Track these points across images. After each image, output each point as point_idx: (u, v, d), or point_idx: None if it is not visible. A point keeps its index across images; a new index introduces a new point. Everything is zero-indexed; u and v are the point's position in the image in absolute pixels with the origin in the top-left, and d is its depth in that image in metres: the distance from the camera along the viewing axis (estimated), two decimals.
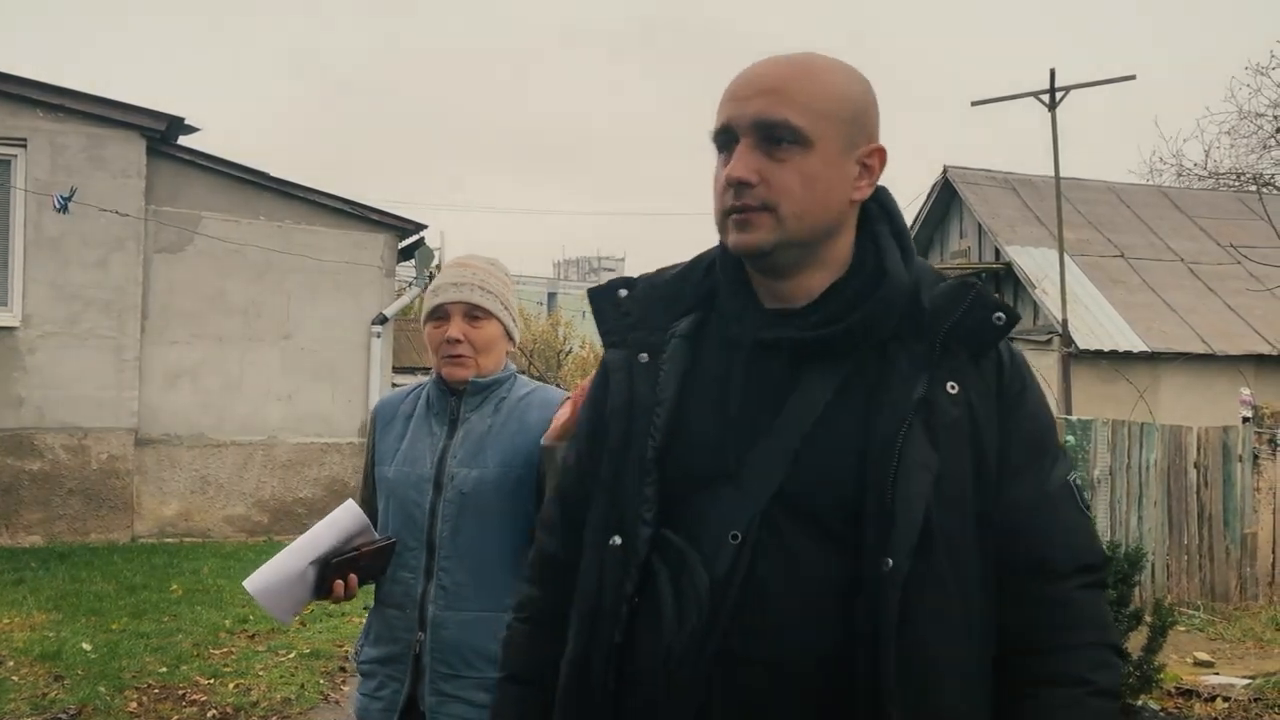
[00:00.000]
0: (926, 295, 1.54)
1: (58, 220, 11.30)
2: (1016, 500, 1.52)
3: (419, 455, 2.66)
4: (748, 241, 1.52)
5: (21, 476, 11.40)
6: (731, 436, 1.52)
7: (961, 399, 1.49)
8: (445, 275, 2.71)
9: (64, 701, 5.90)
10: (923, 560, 1.42)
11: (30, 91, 11.49)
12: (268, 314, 12.68)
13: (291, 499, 12.70)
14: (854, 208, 1.57)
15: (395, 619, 2.61)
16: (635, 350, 1.62)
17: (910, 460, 1.44)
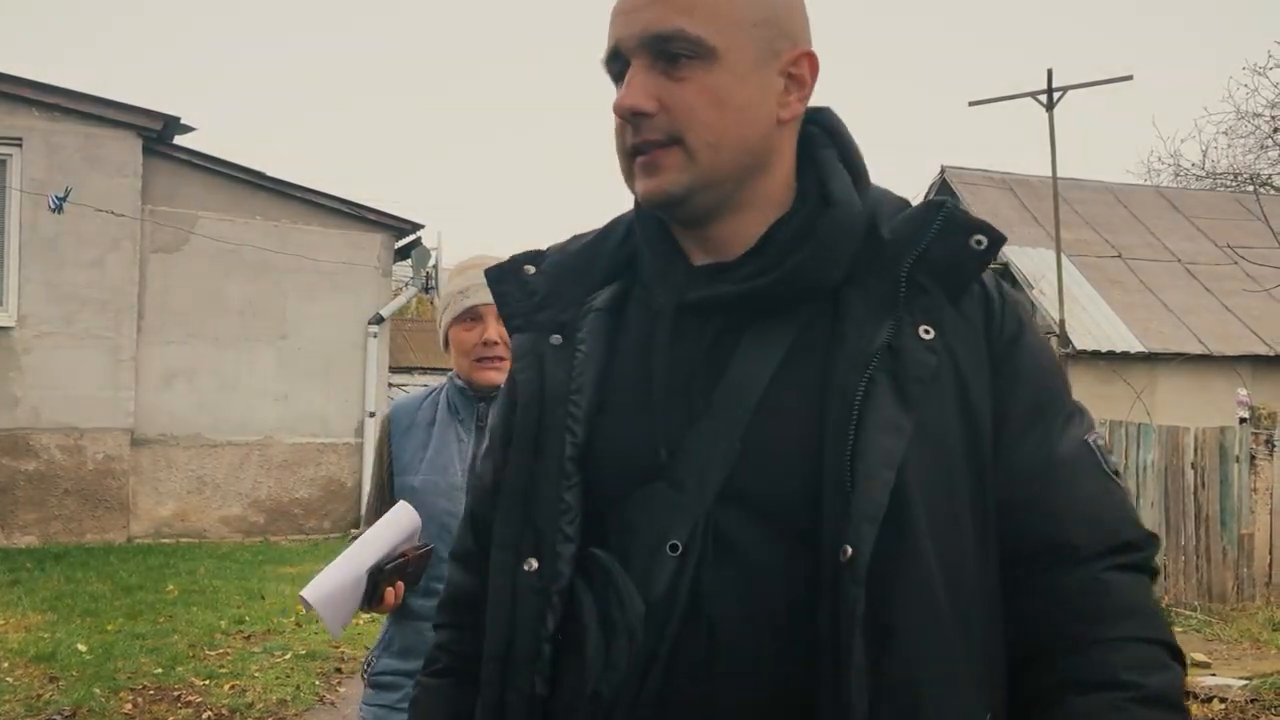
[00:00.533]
0: (887, 225, 1.26)
1: (53, 220, 11.28)
2: (1020, 467, 1.23)
3: (447, 463, 2.60)
4: (657, 187, 1.24)
5: (17, 477, 11.38)
6: (660, 423, 1.24)
7: (939, 345, 1.21)
8: (472, 275, 2.59)
9: (59, 703, 5.89)
10: (894, 544, 1.14)
11: (25, 91, 11.47)
12: (264, 314, 12.66)
13: (288, 499, 12.69)
14: (786, 130, 1.28)
15: (430, 632, 2.50)
16: (545, 332, 1.34)
17: (872, 421, 1.16)
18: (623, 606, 1.18)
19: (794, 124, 1.29)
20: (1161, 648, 1.21)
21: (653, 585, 1.18)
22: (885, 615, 1.13)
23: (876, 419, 1.16)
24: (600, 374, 1.30)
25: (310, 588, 2.35)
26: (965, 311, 1.25)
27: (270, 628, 7.75)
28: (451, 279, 2.71)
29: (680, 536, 1.19)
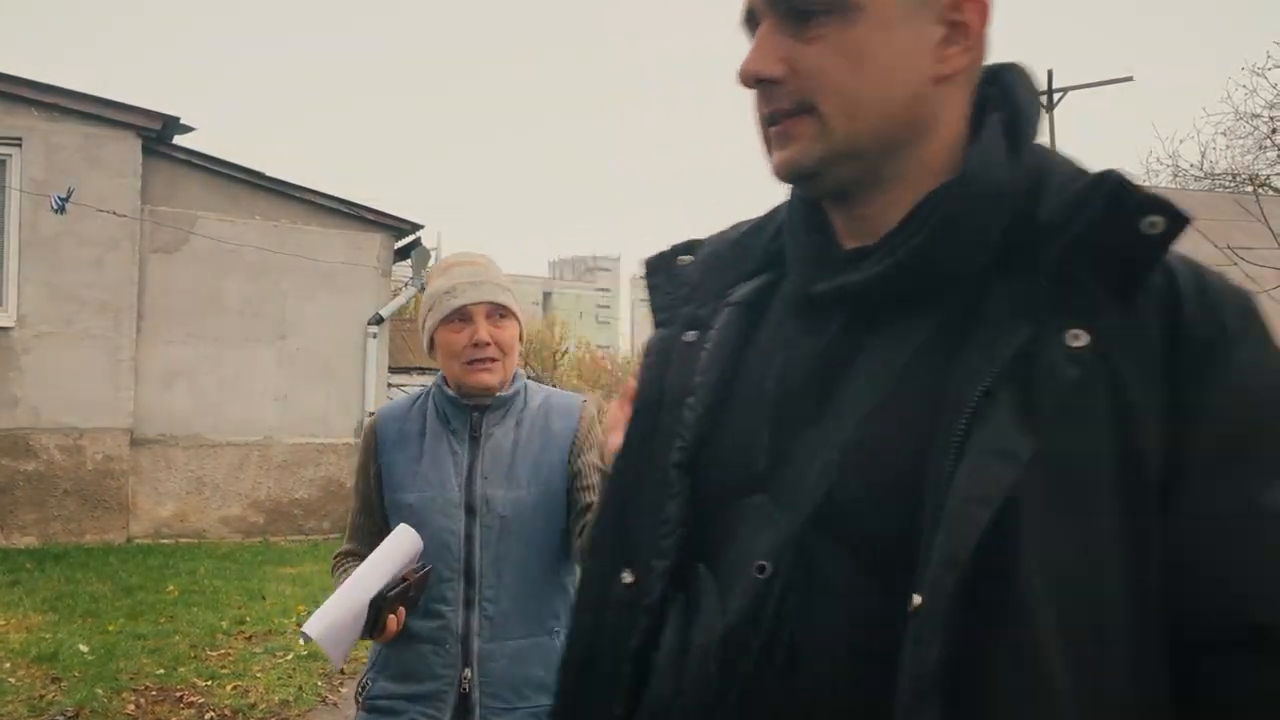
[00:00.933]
0: (1051, 201, 1.02)
1: (53, 220, 11.27)
2: (1204, 519, 0.95)
3: (444, 478, 2.46)
4: (788, 160, 1.08)
5: (16, 477, 11.37)
6: (769, 430, 1.09)
7: (1091, 355, 0.95)
8: (457, 274, 2.49)
9: (61, 703, 5.89)
10: (991, 598, 0.91)
11: (25, 90, 11.46)
12: (264, 314, 12.67)
13: (288, 500, 12.68)
14: (949, 89, 1.07)
15: (431, 654, 2.40)
16: (682, 328, 1.22)
17: (979, 444, 0.94)
18: (704, 628, 1.06)
19: (960, 81, 1.08)
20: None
21: (735, 608, 1.04)
22: (972, 686, 0.91)
23: (984, 442, 0.94)
24: (723, 375, 1.15)
25: (312, 621, 2.25)
26: (1139, 313, 0.98)
27: (271, 628, 7.75)
28: (435, 278, 2.55)
29: (768, 558, 1.04)
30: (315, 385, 12.84)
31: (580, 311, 65.56)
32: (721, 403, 1.14)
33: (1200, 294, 0.99)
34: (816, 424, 1.06)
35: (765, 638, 1.02)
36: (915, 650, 0.92)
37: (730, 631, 1.04)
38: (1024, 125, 1.08)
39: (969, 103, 1.09)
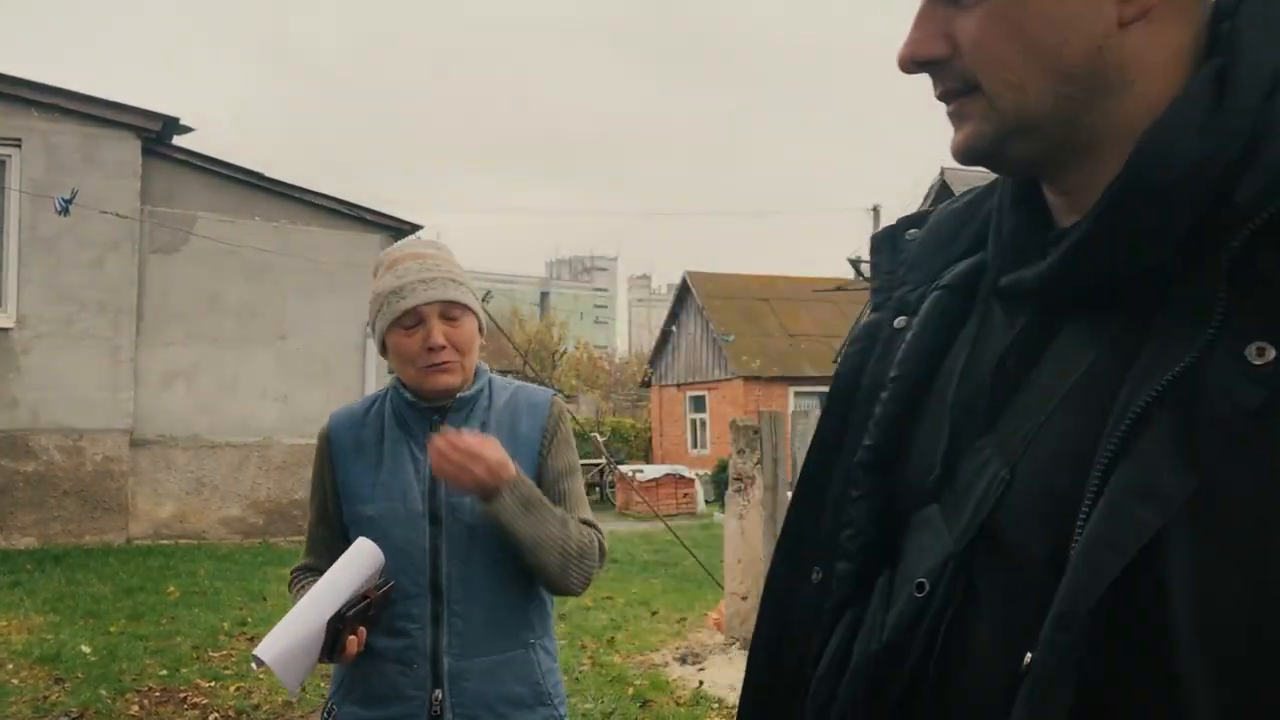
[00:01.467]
0: (1255, 178, 0.82)
1: (53, 220, 11.27)
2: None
3: (405, 487, 2.29)
4: (960, 142, 0.97)
5: (15, 478, 11.37)
6: (946, 436, 0.98)
7: (1277, 375, 0.77)
8: (404, 271, 2.29)
9: (65, 704, 5.89)
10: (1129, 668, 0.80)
11: (25, 91, 11.49)
12: (263, 315, 12.69)
13: (287, 500, 12.68)
14: (1144, 32, 0.88)
15: (398, 675, 2.25)
16: (894, 313, 1.11)
17: (1124, 482, 0.80)
18: (865, 643, 0.98)
19: (1164, 16, 0.89)
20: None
21: (891, 626, 0.96)
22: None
23: (1129, 478, 0.80)
24: (920, 369, 1.04)
25: (265, 645, 2.08)
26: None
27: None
28: (382, 275, 2.35)
29: (928, 576, 0.94)
30: (315, 386, 12.85)
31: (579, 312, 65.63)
32: (918, 399, 1.03)
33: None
34: (992, 432, 0.94)
35: (916, 661, 0.93)
36: (1028, 714, 0.80)
37: (882, 651, 0.96)
38: (1242, 78, 0.85)
39: (1192, 39, 0.90)
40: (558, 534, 2.23)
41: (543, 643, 2.35)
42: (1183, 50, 0.89)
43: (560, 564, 2.23)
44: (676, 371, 31.63)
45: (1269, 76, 0.85)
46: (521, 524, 2.18)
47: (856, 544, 1.03)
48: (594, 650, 7.67)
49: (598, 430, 26.79)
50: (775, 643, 1.12)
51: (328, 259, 12.79)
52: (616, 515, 20.65)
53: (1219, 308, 0.80)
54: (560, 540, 2.23)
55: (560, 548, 2.23)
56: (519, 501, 2.18)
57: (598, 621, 8.80)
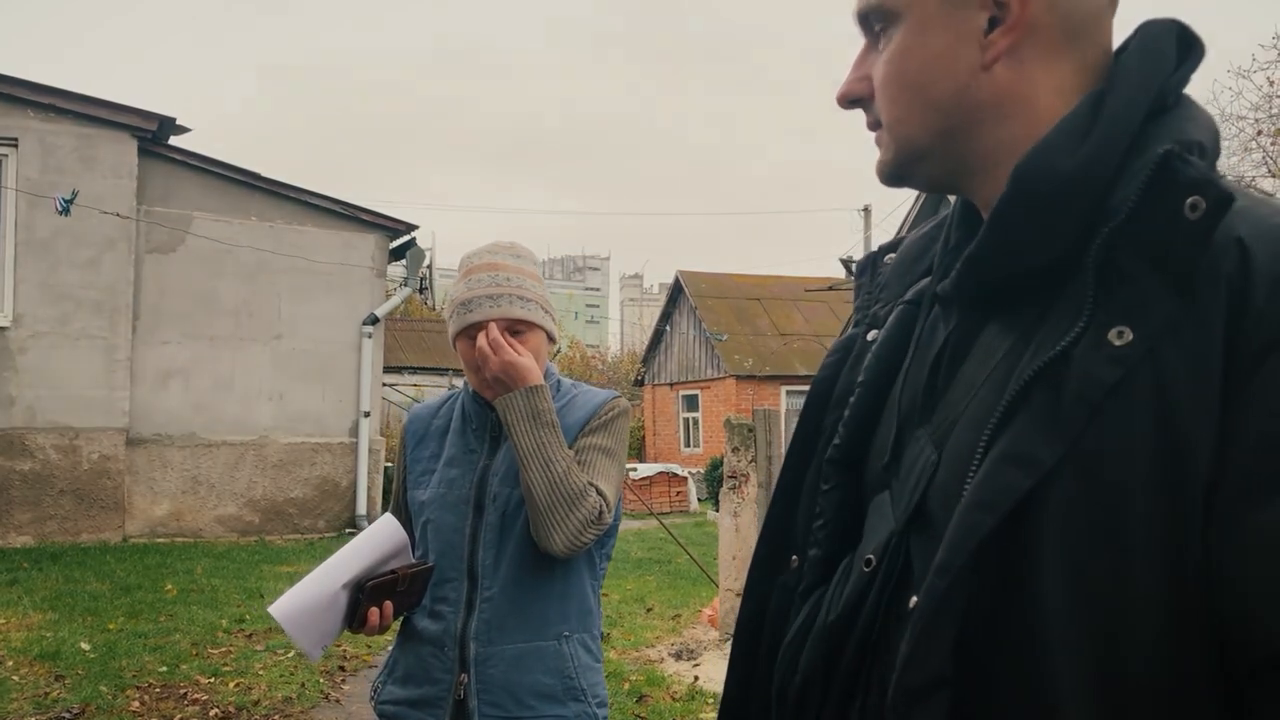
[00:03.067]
0: (1125, 185, 0.94)
1: (49, 220, 11.31)
2: (1245, 537, 0.84)
3: (457, 475, 2.39)
4: (879, 168, 1.13)
5: (12, 476, 11.40)
6: (895, 430, 1.11)
7: (1135, 353, 0.88)
8: (475, 283, 2.38)
9: (66, 701, 5.93)
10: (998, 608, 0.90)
11: (21, 91, 11.51)
12: (259, 314, 12.73)
13: (283, 499, 12.73)
14: (1006, 70, 1.03)
15: (431, 657, 2.32)
16: (868, 328, 1.23)
17: (999, 450, 0.92)
18: (823, 615, 1.08)
19: (1029, 61, 1.03)
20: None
21: (843, 600, 1.06)
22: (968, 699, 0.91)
23: (1005, 447, 0.92)
24: (882, 374, 1.16)
25: (279, 604, 2.15)
26: (1202, 305, 0.88)
27: (272, 626, 7.79)
28: (458, 281, 2.45)
29: (876, 553, 1.05)
30: (310, 385, 12.90)
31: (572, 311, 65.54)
32: (879, 402, 1.15)
33: (1274, 290, 0.86)
34: (928, 422, 1.06)
35: (862, 631, 1.03)
36: (907, 653, 0.92)
37: (836, 621, 1.06)
38: (1119, 104, 0.97)
39: (1078, 74, 1.03)
40: (556, 463, 2.23)
41: (581, 638, 2.35)
42: (1066, 84, 1.02)
43: (547, 496, 2.21)
44: (669, 371, 31.66)
45: (1147, 101, 0.98)
46: (523, 429, 2.25)
47: (826, 532, 1.14)
48: None
49: None
50: (756, 623, 1.21)
51: (323, 259, 12.84)
52: None
53: (1089, 300, 0.91)
54: (556, 471, 2.22)
55: (551, 477, 2.22)
56: (529, 409, 2.25)
57: None
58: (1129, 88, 0.98)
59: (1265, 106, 23.58)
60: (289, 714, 5.96)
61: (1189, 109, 1.00)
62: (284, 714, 5.96)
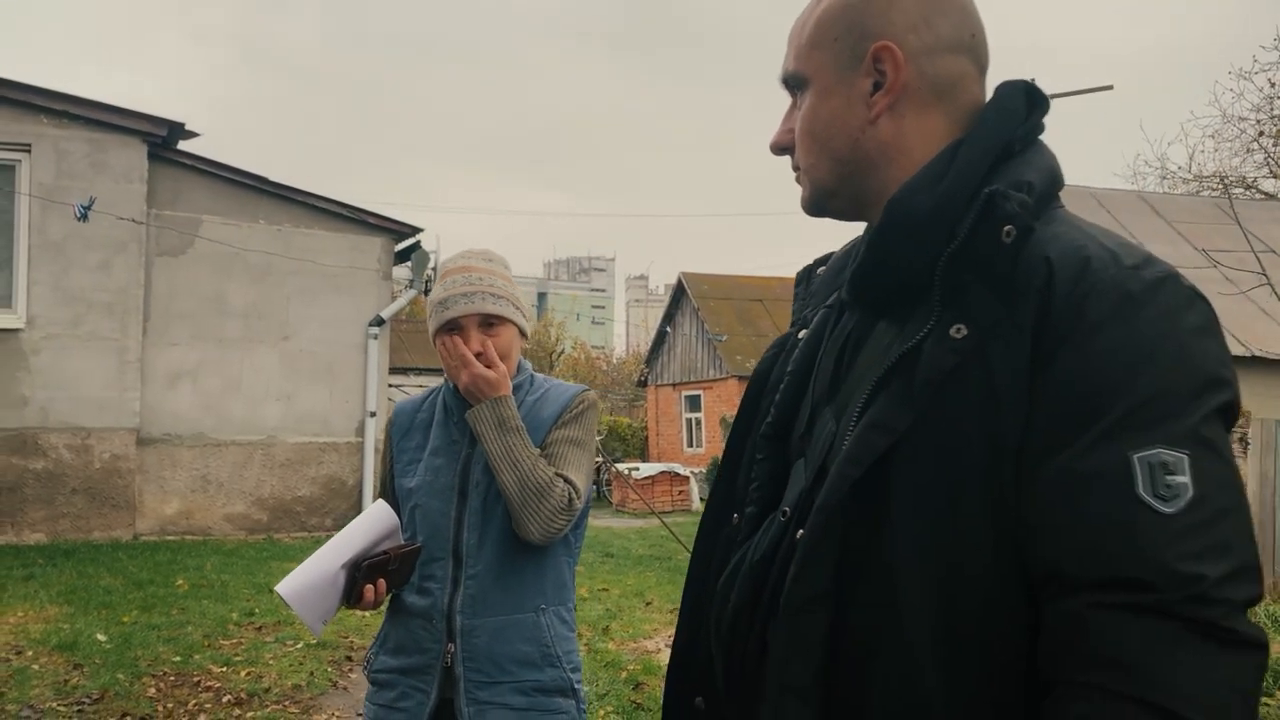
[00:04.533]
0: (966, 217, 1.19)
1: (61, 224, 11.56)
2: (1042, 483, 1.10)
3: (442, 464, 2.61)
4: (802, 203, 1.40)
5: (26, 475, 11.64)
6: (809, 409, 1.37)
7: (967, 345, 1.15)
8: (450, 284, 2.60)
9: (86, 688, 6.16)
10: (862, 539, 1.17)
11: (34, 98, 11.74)
12: (267, 316, 12.96)
13: (290, 497, 12.96)
14: (892, 125, 1.29)
15: (420, 629, 2.55)
16: (799, 328, 1.51)
17: (867, 420, 1.19)
18: (750, 558, 1.33)
19: (905, 115, 1.30)
20: (1148, 713, 1.01)
21: (764, 544, 1.31)
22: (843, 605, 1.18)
23: (871, 417, 1.19)
24: (805, 365, 1.43)
25: (285, 582, 2.36)
26: (1018, 307, 1.14)
27: (280, 619, 8.03)
28: (436, 285, 2.67)
29: (789, 505, 1.31)
30: (317, 386, 13.13)
31: (576, 312, 65.74)
32: (802, 388, 1.41)
33: (1074, 286, 1.12)
34: (833, 401, 1.32)
35: (779, 567, 1.27)
36: (794, 574, 1.20)
37: (758, 562, 1.31)
38: (972, 150, 1.24)
39: (951, 126, 1.29)
40: (523, 462, 2.47)
41: (556, 610, 2.59)
42: (937, 133, 1.30)
43: (518, 492, 2.45)
44: (672, 371, 31.88)
45: (995, 149, 1.25)
46: (491, 437, 2.49)
47: (759, 494, 1.40)
48: (590, 638, 7.96)
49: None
50: (703, 568, 1.47)
51: (330, 261, 13.07)
52: (613, 512, 20.90)
53: (937, 305, 1.19)
54: (524, 469, 2.46)
55: (519, 475, 2.46)
56: (495, 417, 2.50)
57: (594, 611, 9.09)
58: (980, 138, 1.25)
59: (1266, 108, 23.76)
60: (299, 700, 6.19)
61: (1031, 153, 1.27)
62: (294, 700, 6.18)
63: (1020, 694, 1.11)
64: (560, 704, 2.54)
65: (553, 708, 2.53)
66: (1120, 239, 1.21)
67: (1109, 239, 1.19)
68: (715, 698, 1.40)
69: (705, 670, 1.42)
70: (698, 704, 1.44)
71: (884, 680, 1.15)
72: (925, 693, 1.12)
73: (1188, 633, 1.02)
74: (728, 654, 1.34)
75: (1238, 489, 1.09)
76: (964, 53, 1.31)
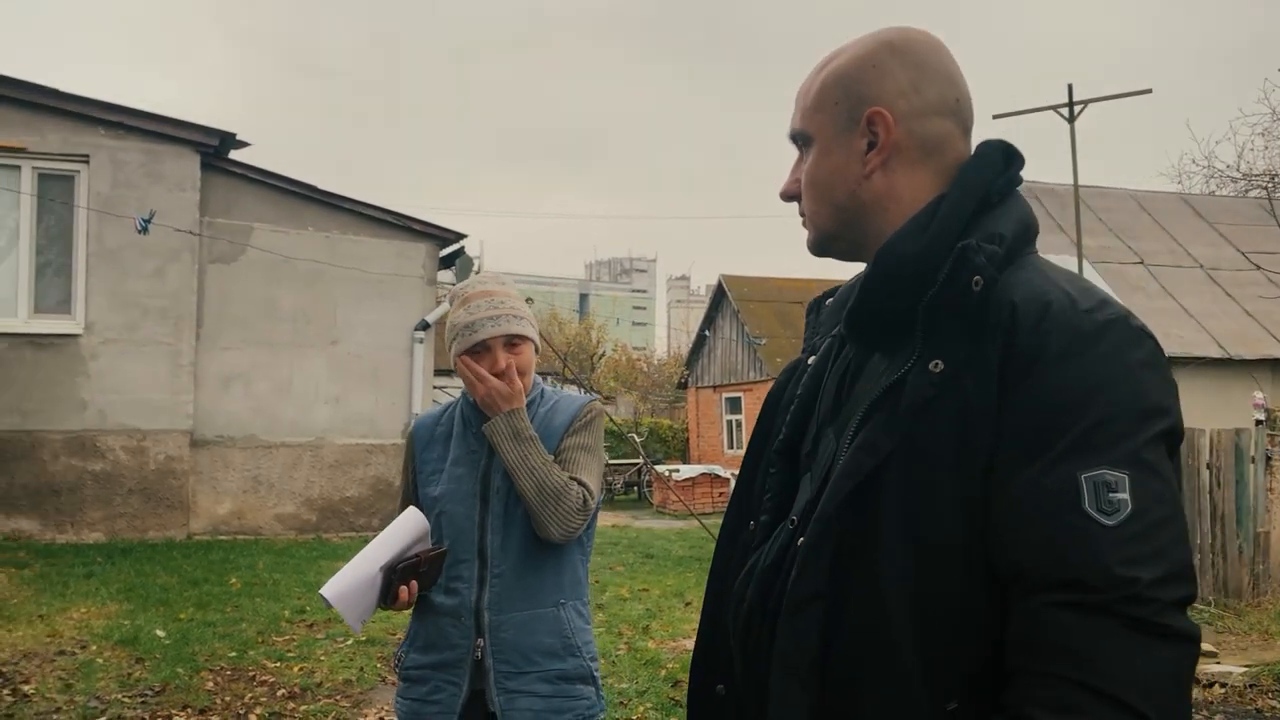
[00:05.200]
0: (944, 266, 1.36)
1: (118, 233, 11.92)
2: (1008, 497, 1.26)
3: (464, 473, 2.79)
4: (807, 245, 1.58)
5: (85, 476, 12.02)
6: (816, 425, 1.54)
7: (943, 378, 1.31)
8: (475, 309, 2.79)
9: (148, 680, 6.45)
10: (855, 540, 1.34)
11: (93, 110, 12.13)
12: (316, 321, 13.29)
13: (339, 498, 13.27)
14: (884, 180, 1.47)
15: (450, 627, 2.72)
16: (809, 354, 1.67)
17: (858, 441, 1.37)
18: (762, 562, 1.49)
19: (895, 170, 1.47)
20: (1089, 695, 1.16)
21: (774, 549, 1.48)
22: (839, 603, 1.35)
23: (862, 440, 1.36)
24: (813, 388, 1.60)
25: (329, 585, 2.55)
26: (986, 345, 1.30)
27: (331, 617, 8.27)
28: (456, 309, 2.83)
29: (796, 514, 1.48)
30: (365, 389, 13.44)
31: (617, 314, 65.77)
32: (810, 408, 1.59)
33: (1036, 324, 1.28)
34: (835, 422, 1.48)
35: (787, 569, 1.42)
36: (795, 575, 1.37)
37: (769, 566, 1.47)
38: (952, 203, 1.40)
39: (934, 180, 1.46)
40: (538, 469, 2.67)
41: (574, 604, 2.79)
42: (925, 186, 1.47)
43: (536, 496, 2.65)
44: (713, 373, 32.02)
45: (974, 202, 1.42)
46: (508, 447, 2.70)
47: (771, 503, 1.57)
48: (630, 637, 8.17)
49: (635, 431, 27.21)
50: (723, 568, 1.65)
51: (377, 267, 13.37)
52: (654, 513, 21.10)
53: (919, 342, 1.35)
54: (539, 475, 2.66)
55: (538, 480, 2.66)
56: (510, 429, 2.70)
57: (634, 611, 9.30)
58: (960, 193, 1.42)
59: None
60: (349, 694, 6.43)
61: (1008, 205, 1.45)
62: (345, 694, 6.43)
63: (987, 670, 1.27)
64: (582, 690, 2.74)
65: (575, 694, 2.72)
66: (1082, 284, 1.37)
67: (1071, 284, 1.35)
68: (734, 686, 1.56)
69: (725, 661, 1.58)
70: (719, 691, 1.60)
71: (872, 664, 1.32)
72: (906, 671, 1.30)
73: (1125, 627, 1.17)
74: (743, 647, 1.51)
75: (1173, 504, 1.24)
76: (949, 116, 1.48)
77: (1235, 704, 6.74)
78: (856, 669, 1.34)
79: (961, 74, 1.52)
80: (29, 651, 7.03)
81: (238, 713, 5.97)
